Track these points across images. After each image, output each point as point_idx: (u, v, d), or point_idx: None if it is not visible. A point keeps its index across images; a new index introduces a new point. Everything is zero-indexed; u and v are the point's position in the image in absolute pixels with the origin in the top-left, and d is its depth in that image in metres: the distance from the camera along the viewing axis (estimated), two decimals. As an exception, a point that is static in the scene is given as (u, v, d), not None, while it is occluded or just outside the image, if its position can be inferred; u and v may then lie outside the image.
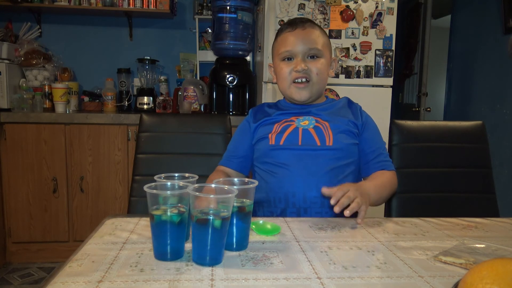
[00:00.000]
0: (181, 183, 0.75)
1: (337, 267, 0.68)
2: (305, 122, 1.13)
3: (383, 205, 1.44)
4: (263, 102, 2.28)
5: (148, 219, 0.73)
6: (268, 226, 0.86)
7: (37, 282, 2.18)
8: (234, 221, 0.73)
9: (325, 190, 0.93)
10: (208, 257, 0.67)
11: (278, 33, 1.18)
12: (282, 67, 1.14)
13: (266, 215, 1.11)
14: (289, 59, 1.13)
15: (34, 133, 2.33)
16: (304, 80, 1.12)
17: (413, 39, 3.27)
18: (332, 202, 0.88)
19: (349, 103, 1.23)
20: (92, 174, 2.40)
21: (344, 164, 1.10)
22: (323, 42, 1.13)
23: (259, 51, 2.50)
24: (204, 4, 2.80)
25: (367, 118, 1.19)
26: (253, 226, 0.84)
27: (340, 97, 2.29)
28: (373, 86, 2.33)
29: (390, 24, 2.29)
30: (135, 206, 1.33)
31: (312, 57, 1.12)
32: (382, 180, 1.10)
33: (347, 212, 0.86)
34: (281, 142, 1.11)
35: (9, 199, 2.36)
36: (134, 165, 1.38)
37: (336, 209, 0.86)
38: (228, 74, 2.45)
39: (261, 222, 0.89)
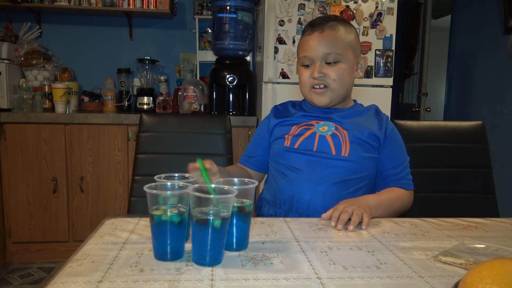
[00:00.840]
0: (181, 183, 0.75)
1: (337, 267, 0.68)
2: (324, 128, 1.11)
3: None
4: (263, 102, 2.29)
5: (148, 219, 0.73)
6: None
7: (37, 282, 2.18)
8: (234, 221, 0.73)
9: (324, 216, 0.94)
10: (208, 257, 0.67)
11: (302, 34, 1.15)
12: (302, 72, 1.12)
13: (270, 214, 1.12)
14: (308, 64, 1.11)
15: (34, 133, 2.33)
16: (322, 86, 1.09)
17: (413, 39, 3.27)
18: (332, 224, 0.89)
19: (376, 112, 1.17)
20: (92, 174, 2.40)
21: (357, 177, 1.07)
22: (344, 44, 1.08)
23: (259, 51, 2.50)
24: (204, 4, 2.80)
25: (392, 131, 1.14)
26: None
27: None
28: (373, 86, 2.33)
29: (390, 24, 2.29)
30: (135, 206, 1.33)
31: (330, 62, 1.08)
32: (390, 196, 1.06)
33: (350, 228, 0.87)
34: (296, 145, 1.10)
35: (9, 199, 2.36)
36: (134, 165, 1.38)
37: (339, 227, 0.88)
38: (228, 74, 2.45)
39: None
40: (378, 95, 2.33)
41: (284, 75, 2.27)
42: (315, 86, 1.10)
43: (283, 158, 1.11)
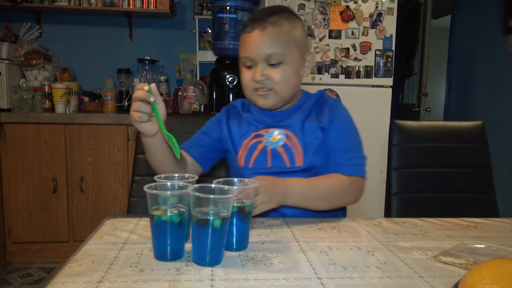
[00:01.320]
0: (181, 183, 0.75)
1: (337, 267, 0.68)
2: (275, 138, 1.04)
3: (383, 205, 1.44)
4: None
5: (148, 219, 0.73)
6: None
7: (37, 282, 2.18)
8: (234, 221, 0.73)
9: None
10: (208, 257, 0.67)
11: (241, 31, 1.03)
12: (243, 73, 1.03)
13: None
14: (250, 65, 1.01)
15: (34, 133, 2.33)
16: (265, 89, 1.01)
17: (413, 39, 3.27)
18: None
19: (320, 100, 1.08)
20: (92, 174, 2.40)
21: None
22: (289, 42, 0.98)
23: (259, 51, 2.50)
24: (204, 4, 2.80)
25: (336, 115, 1.04)
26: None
27: (340, 97, 2.30)
28: (373, 86, 2.33)
29: (390, 24, 2.29)
30: (135, 206, 1.33)
31: (273, 63, 0.98)
32: (321, 182, 0.96)
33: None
34: (250, 165, 1.05)
35: (9, 199, 2.36)
36: (134, 165, 1.38)
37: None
38: (228, 74, 2.45)
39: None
40: (378, 95, 2.33)
41: (284, 75, 2.27)
42: (258, 89, 1.02)
43: (241, 176, 0.99)
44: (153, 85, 0.84)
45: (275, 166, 1.03)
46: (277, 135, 1.04)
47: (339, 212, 1.09)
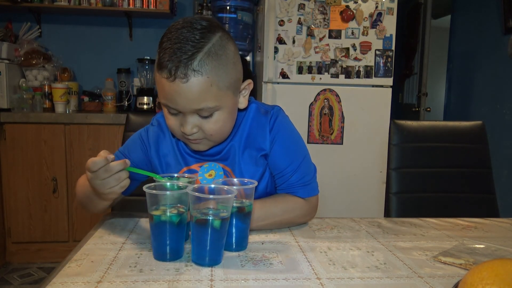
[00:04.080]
0: (181, 183, 0.75)
1: (336, 267, 0.68)
2: (211, 174, 0.91)
3: (383, 205, 1.44)
4: (262, 102, 2.29)
5: (147, 219, 0.73)
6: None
7: (37, 282, 2.18)
8: (234, 222, 0.73)
9: None
10: (208, 257, 0.67)
11: (155, 64, 0.79)
12: (168, 117, 0.83)
13: None
14: (175, 113, 0.81)
15: (34, 133, 2.33)
16: (197, 139, 0.84)
17: (413, 39, 3.27)
18: None
19: (256, 117, 0.92)
20: (92, 174, 2.40)
21: None
22: (219, 90, 0.78)
23: (259, 51, 2.50)
24: (204, 4, 2.80)
25: (275, 134, 0.91)
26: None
27: (340, 97, 2.30)
28: (373, 86, 2.33)
29: (390, 24, 2.29)
30: (118, 204, 1.34)
31: (204, 115, 0.80)
32: (277, 207, 0.88)
33: None
34: None
35: (9, 199, 2.36)
36: None
37: None
38: (228, 74, 2.45)
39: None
40: (378, 95, 2.33)
41: (284, 75, 2.27)
42: (188, 138, 0.84)
43: None
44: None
45: None
46: (213, 170, 0.92)
47: None
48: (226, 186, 0.72)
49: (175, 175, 0.82)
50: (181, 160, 0.93)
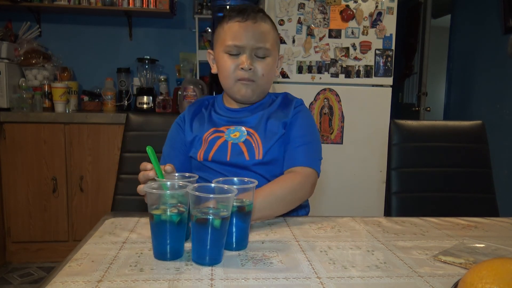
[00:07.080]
0: (181, 182, 0.75)
1: (336, 266, 0.68)
2: (236, 135, 1.03)
3: (383, 204, 1.44)
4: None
5: (147, 218, 0.73)
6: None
7: (36, 282, 2.18)
8: (234, 221, 0.73)
9: None
10: (208, 256, 0.67)
11: (225, 19, 1.02)
12: (226, 60, 1.02)
13: None
14: (235, 53, 1.01)
15: (33, 132, 2.33)
16: (249, 80, 1.02)
17: (413, 39, 3.27)
18: None
19: (285, 100, 1.10)
20: (91, 174, 2.40)
21: (278, 175, 0.99)
22: (273, 40, 1.03)
23: (259, 51, 2.50)
24: (204, 3, 2.80)
25: (299, 111, 1.07)
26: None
27: (340, 97, 2.30)
28: (373, 86, 2.33)
29: (390, 24, 2.29)
30: (119, 204, 1.34)
31: (260, 56, 1.01)
32: (276, 186, 0.93)
33: None
34: (209, 158, 1.02)
35: (9, 199, 2.36)
36: (120, 164, 1.35)
37: None
38: (228, 74, 2.45)
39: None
40: (378, 95, 2.33)
41: (284, 74, 2.27)
42: (241, 79, 1.01)
43: (201, 171, 1.04)
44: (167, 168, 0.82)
45: (234, 159, 1.01)
46: (238, 132, 1.04)
47: (301, 211, 1.09)
48: (226, 186, 0.72)
49: (176, 174, 0.82)
50: (211, 124, 1.07)
